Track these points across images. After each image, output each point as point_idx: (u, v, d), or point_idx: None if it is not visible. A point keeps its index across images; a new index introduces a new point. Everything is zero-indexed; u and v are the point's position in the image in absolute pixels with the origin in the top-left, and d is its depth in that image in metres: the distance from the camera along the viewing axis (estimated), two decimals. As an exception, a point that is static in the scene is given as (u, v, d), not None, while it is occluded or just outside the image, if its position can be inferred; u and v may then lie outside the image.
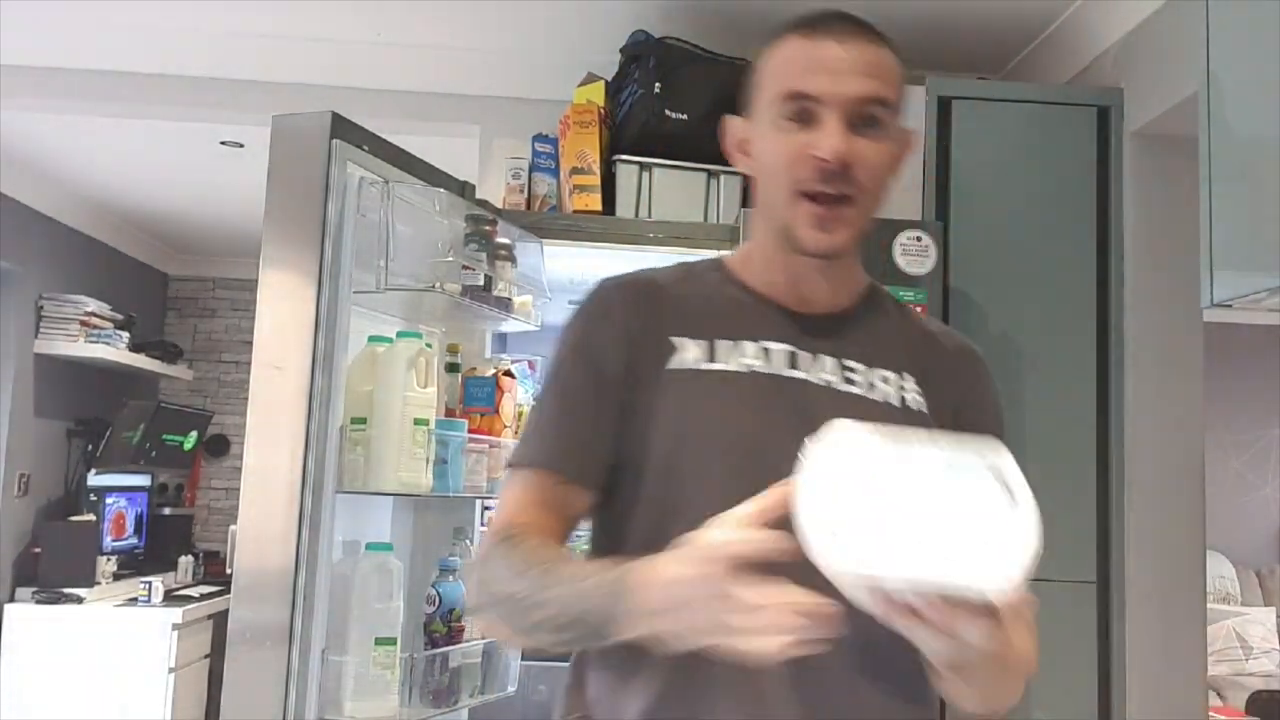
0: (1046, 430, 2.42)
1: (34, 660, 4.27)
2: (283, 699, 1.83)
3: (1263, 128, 1.55)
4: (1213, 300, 1.61)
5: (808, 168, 1.08)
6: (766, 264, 1.18)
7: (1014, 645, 0.93)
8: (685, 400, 1.09)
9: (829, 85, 1.08)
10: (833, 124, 1.08)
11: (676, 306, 1.15)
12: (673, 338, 1.12)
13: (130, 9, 2.91)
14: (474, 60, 3.10)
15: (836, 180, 1.08)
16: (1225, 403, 5.61)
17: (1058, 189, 2.52)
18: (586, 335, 1.15)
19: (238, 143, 3.95)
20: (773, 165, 1.11)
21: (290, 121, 1.99)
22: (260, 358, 1.94)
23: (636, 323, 1.13)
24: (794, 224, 1.10)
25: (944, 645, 0.85)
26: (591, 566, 0.99)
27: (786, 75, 1.11)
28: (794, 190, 1.09)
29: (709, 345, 1.12)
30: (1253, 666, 5.13)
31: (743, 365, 1.11)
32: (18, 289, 4.52)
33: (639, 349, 1.12)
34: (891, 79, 1.13)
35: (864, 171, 1.09)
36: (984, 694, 1.00)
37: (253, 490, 1.91)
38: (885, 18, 1.19)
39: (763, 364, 1.12)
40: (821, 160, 1.07)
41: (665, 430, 1.08)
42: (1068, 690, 2.37)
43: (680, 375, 1.10)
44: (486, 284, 2.22)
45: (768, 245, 1.17)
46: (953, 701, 1.02)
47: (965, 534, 0.81)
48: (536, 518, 1.09)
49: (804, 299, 1.17)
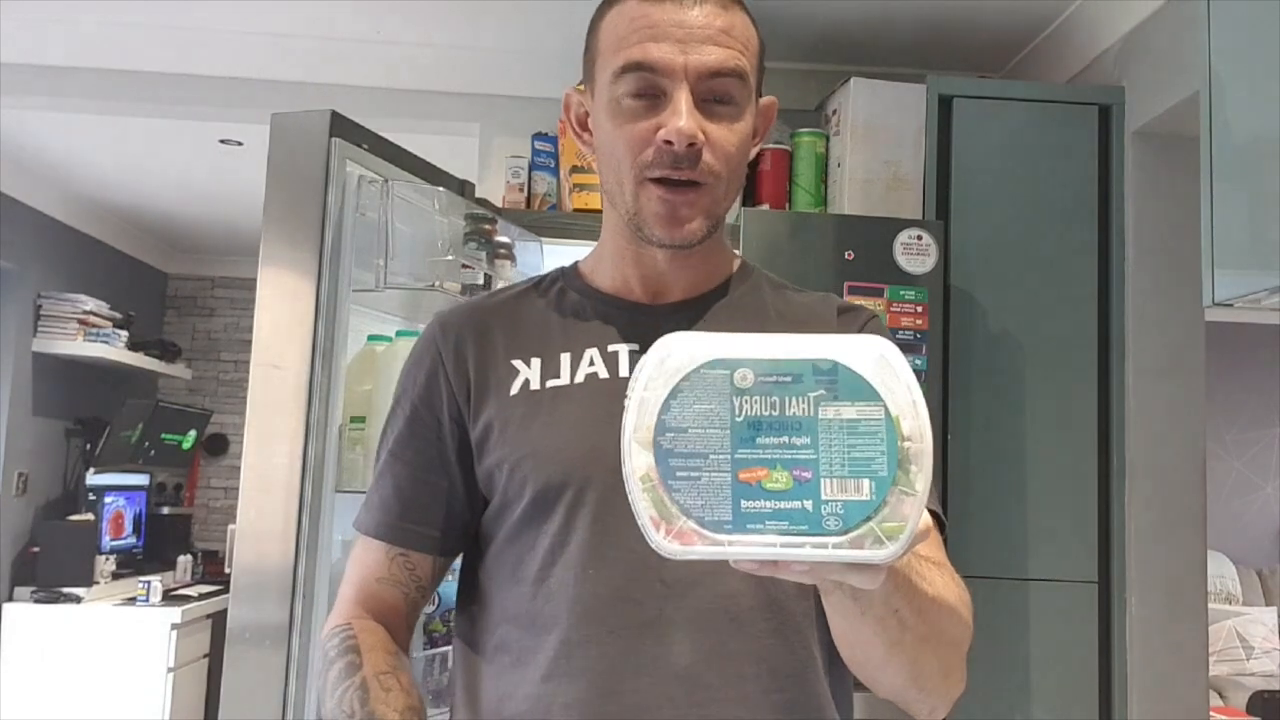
0: (1047, 430, 2.42)
1: (32, 660, 4.27)
2: (282, 698, 1.83)
3: (1264, 127, 1.55)
4: (1214, 299, 1.61)
5: (653, 152, 0.96)
6: (617, 258, 1.07)
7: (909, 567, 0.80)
8: (525, 424, 1.01)
9: (674, 55, 0.95)
10: (679, 100, 0.95)
11: (513, 329, 1.06)
12: (512, 361, 1.04)
13: (130, 8, 2.90)
14: (474, 59, 3.09)
15: (686, 166, 0.96)
16: (1226, 402, 5.62)
17: (1059, 188, 2.51)
18: (413, 383, 1.07)
19: (237, 141, 3.95)
20: (614, 149, 0.99)
21: (289, 120, 1.99)
22: (259, 357, 1.94)
23: (467, 357, 1.04)
24: (642, 214, 0.99)
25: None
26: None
27: (625, 43, 0.97)
28: (640, 176, 0.98)
29: (547, 361, 1.03)
30: (1254, 666, 5.13)
31: (584, 375, 1.02)
32: (16, 288, 4.51)
33: (477, 385, 1.03)
34: (744, 46, 0.99)
35: (717, 154, 0.97)
36: (903, 651, 0.84)
37: (252, 490, 1.91)
38: (887, 17, 1.18)
39: (605, 370, 1.02)
40: (668, 144, 0.95)
41: (509, 464, 1.00)
42: (1069, 690, 2.37)
43: (518, 400, 1.02)
44: (486, 283, 2.21)
45: (617, 238, 1.06)
46: (878, 684, 0.91)
47: (839, 484, 0.64)
48: (377, 607, 1.04)
49: (657, 291, 1.06)
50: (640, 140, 0.97)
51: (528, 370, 1.03)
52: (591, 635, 0.95)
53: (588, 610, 0.95)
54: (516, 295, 1.11)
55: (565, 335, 1.05)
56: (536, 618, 0.98)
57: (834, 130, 2.67)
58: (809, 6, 2.71)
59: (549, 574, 0.97)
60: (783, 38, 2.84)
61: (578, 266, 1.12)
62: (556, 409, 1.01)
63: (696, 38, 0.96)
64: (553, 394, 1.02)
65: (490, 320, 1.07)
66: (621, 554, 0.95)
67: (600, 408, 0.99)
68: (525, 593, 0.99)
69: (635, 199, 0.99)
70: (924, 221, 2.44)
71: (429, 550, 1.06)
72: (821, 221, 2.44)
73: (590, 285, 1.09)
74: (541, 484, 0.98)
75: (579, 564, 0.96)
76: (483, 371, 1.04)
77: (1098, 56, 2.67)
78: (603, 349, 1.03)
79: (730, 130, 0.99)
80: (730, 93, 0.98)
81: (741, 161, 1.02)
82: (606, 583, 0.96)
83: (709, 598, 0.95)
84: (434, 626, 2.11)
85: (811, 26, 2.80)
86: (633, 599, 0.95)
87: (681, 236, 1.00)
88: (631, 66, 0.97)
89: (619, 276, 1.07)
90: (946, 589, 0.87)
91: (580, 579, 0.96)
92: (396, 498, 1.05)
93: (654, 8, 0.97)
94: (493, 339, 1.06)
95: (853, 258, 2.36)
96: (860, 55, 2.94)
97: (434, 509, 1.05)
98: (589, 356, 1.03)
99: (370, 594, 1.05)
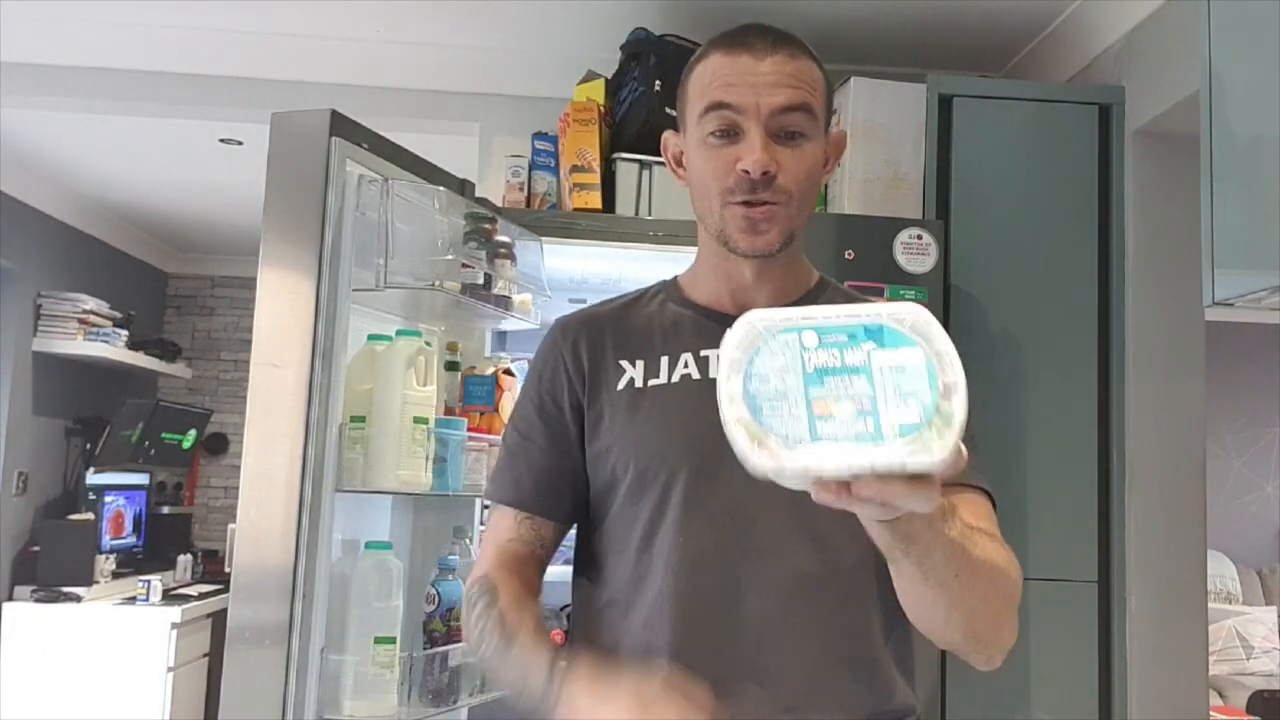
0: (1047, 429, 2.42)
1: (32, 659, 4.27)
2: (282, 698, 1.83)
3: (1264, 126, 1.55)
4: (1214, 299, 1.61)
5: (734, 180, 1.15)
6: (710, 275, 1.25)
7: (964, 536, 0.95)
8: (629, 417, 1.20)
9: (747, 97, 1.14)
10: (754, 136, 1.14)
11: (621, 333, 1.25)
12: (619, 361, 1.23)
13: (130, 8, 2.90)
14: (474, 58, 3.09)
15: (761, 190, 1.14)
16: (1225, 402, 5.61)
17: (1059, 187, 2.51)
18: (537, 375, 1.28)
19: (237, 140, 3.95)
20: (703, 179, 1.18)
21: (289, 119, 1.99)
22: (259, 356, 1.94)
23: (583, 357, 1.24)
24: (727, 229, 1.17)
25: (886, 515, 0.85)
26: (538, 658, 1.09)
27: (708, 90, 1.17)
28: (724, 200, 1.16)
29: (649, 363, 1.22)
30: (1254, 666, 5.13)
31: (679, 375, 1.20)
32: (16, 287, 4.51)
33: (591, 379, 1.23)
34: (811, 87, 1.17)
35: (788, 178, 1.15)
36: (961, 609, 0.99)
37: (252, 489, 1.91)
38: (887, 17, 1.20)
39: (697, 371, 1.20)
40: (745, 173, 1.13)
41: (615, 449, 1.19)
42: (1069, 690, 2.37)
43: (623, 395, 1.21)
44: (486, 282, 2.21)
45: (710, 256, 1.25)
46: (941, 639, 1.05)
47: (893, 409, 0.79)
48: (511, 560, 1.22)
49: (745, 303, 1.20)
50: (724, 169, 1.15)
51: (632, 370, 1.22)
52: (681, 591, 1.14)
53: (679, 571, 1.14)
54: (625, 304, 1.30)
55: (665, 341, 1.24)
56: (641, 578, 1.16)
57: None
58: (809, 6, 2.71)
59: (651, 541, 1.16)
60: (783, 37, 2.84)
61: (678, 281, 1.31)
62: (655, 404, 1.20)
63: (767, 82, 1.14)
64: (653, 391, 1.21)
65: (603, 325, 1.27)
66: (708, 526, 1.15)
67: (692, 404, 1.17)
68: (630, 557, 1.18)
69: (721, 218, 1.18)
70: (924, 221, 2.44)
71: (552, 516, 1.24)
72: (822, 221, 2.44)
73: (688, 298, 1.27)
74: (642, 467, 1.17)
75: (674, 532, 1.15)
76: (595, 369, 1.23)
77: (1098, 56, 2.67)
78: (695, 354, 1.21)
79: (800, 159, 1.16)
80: (799, 126, 1.16)
81: (811, 184, 1.19)
82: (696, 548, 1.14)
83: (781, 565, 1.13)
84: (434, 626, 2.11)
85: (811, 26, 2.79)
86: (716, 563, 1.14)
87: (761, 245, 1.17)
88: (714, 106, 1.16)
89: (711, 291, 1.25)
90: (997, 553, 1.02)
91: (674, 546, 1.15)
92: (529, 473, 1.24)
93: (732, 60, 1.16)
94: (604, 341, 1.25)
95: (853, 257, 2.36)
96: (860, 55, 2.94)
97: (559, 482, 1.24)
98: (684, 360, 1.21)
99: (503, 550, 1.23)
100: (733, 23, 3.13)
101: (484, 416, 2.26)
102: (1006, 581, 1.03)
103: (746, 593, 1.13)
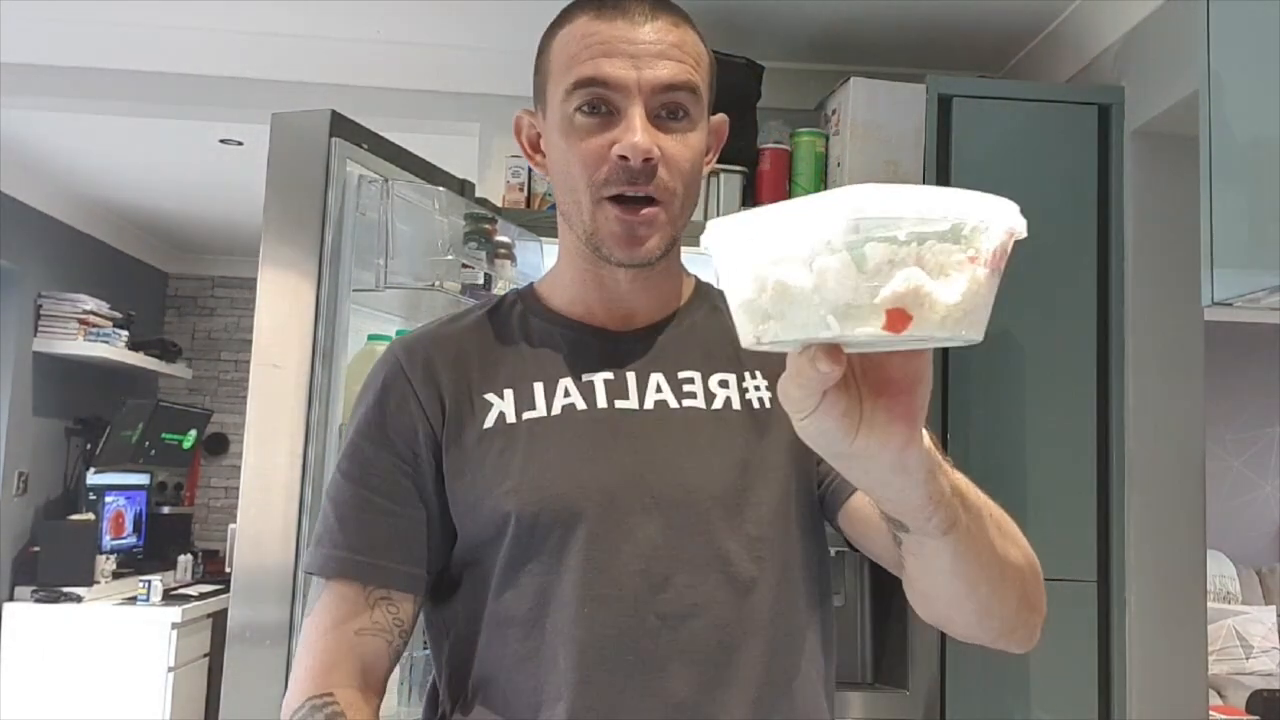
0: (1046, 429, 2.42)
1: (33, 660, 4.27)
2: (282, 698, 1.83)
3: (1263, 126, 1.55)
4: (1213, 299, 1.61)
5: (608, 168, 0.96)
6: (578, 281, 1.04)
7: (979, 500, 0.83)
8: (504, 460, 0.98)
9: (627, 71, 0.95)
10: (633, 115, 0.95)
11: (480, 358, 1.03)
12: (485, 395, 1.01)
13: (130, 8, 2.90)
14: (473, 59, 3.09)
15: (642, 180, 0.95)
16: (1225, 402, 5.61)
17: (1058, 187, 2.51)
18: (376, 409, 1.02)
19: (237, 141, 3.95)
20: (569, 168, 0.98)
21: (289, 119, 1.99)
22: (259, 356, 1.94)
23: (438, 384, 1.01)
24: (600, 234, 0.98)
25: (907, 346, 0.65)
26: None
27: (575, 60, 0.97)
28: (596, 195, 0.97)
29: (520, 392, 1.00)
30: (1253, 665, 5.13)
31: (560, 407, 0.99)
32: (16, 287, 4.51)
33: (450, 414, 1.00)
34: (696, 61, 0.99)
35: (672, 169, 0.97)
36: (1011, 568, 0.87)
37: (252, 489, 1.91)
38: (887, 17, 1.18)
39: (582, 400, 1.00)
40: (623, 159, 0.95)
41: (489, 499, 0.97)
42: (1068, 690, 2.37)
43: (493, 434, 0.99)
44: (486, 282, 2.21)
45: (576, 259, 1.04)
46: (991, 618, 0.91)
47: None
48: (360, 666, 0.97)
49: (623, 316, 1.05)
50: (595, 157, 0.96)
51: (501, 403, 1.00)
52: (592, 675, 0.93)
53: (585, 651, 0.94)
54: (476, 321, 1.07)
55: (537, 364, 1.02)
56: (529, 659, 0.95)
57: (834, 130, 2.67)
58: (809, 6, 2.71)
59: (544, 614, 0.95)
60: (782, 38, 2.85)
61: (535, 289, 1.10)
62: (535, 442, 0.98)
63: (648, 53, 0.96)
64: (529, 426, 0.99)
65: (456, 347, 1.04)
66: (616, 591, 0.94)
67: (581, 440, 0.98)
68: (515, 634, 0.96)
69: (592, 219, 0.98)
70: (924, 221, 2.43)
71: (414, 590, 1.00)
72: (821, 221, 2.44)
73: (552, 309, 1.06)
74: (527, 522, 0.95)
75: (575, 603, 0.94)
76: (456, 402, 1.00)
77: (1097, 56, 2.67)
78: (577, 379, 1.01)
79: (684, 145, 0.98)
80: (684, 107, 0.98)
81: (696, 177, 1.01)
82: (605, 622, 0.94)
83: (703, 628, 0.95)
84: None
85: (811, 26, 2.80)
86: (631, 635, 0.94)
87: (640, 255, 0.98)
88: (584, 82, 0.96)
89: (580, 300, 1.05)
90: (1014, 529, 0.90)
91: (577, 619, 0.94)
92: (370, 533, 0.99)
93: (605, 25, 0.97)
94: (462, 367, 1.02)
95: (852, 257, 2.36)
96: (860, 55, 2.94)
97: (415, 544, 0.99)
98: (563, 387, 1.01)
99: (347, 650, 0.97)
100: (731, 23, 3.13)
101: (484, 417, 2.26)
102: (1022, 556, 0.92)
103: (667, 665, 0.94)
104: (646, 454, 0.98)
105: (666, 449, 0.98)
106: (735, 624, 0.96)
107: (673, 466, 0.98)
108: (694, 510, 0.97)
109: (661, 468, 0.98)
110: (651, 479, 0.97)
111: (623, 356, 1.03)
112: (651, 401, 1.01)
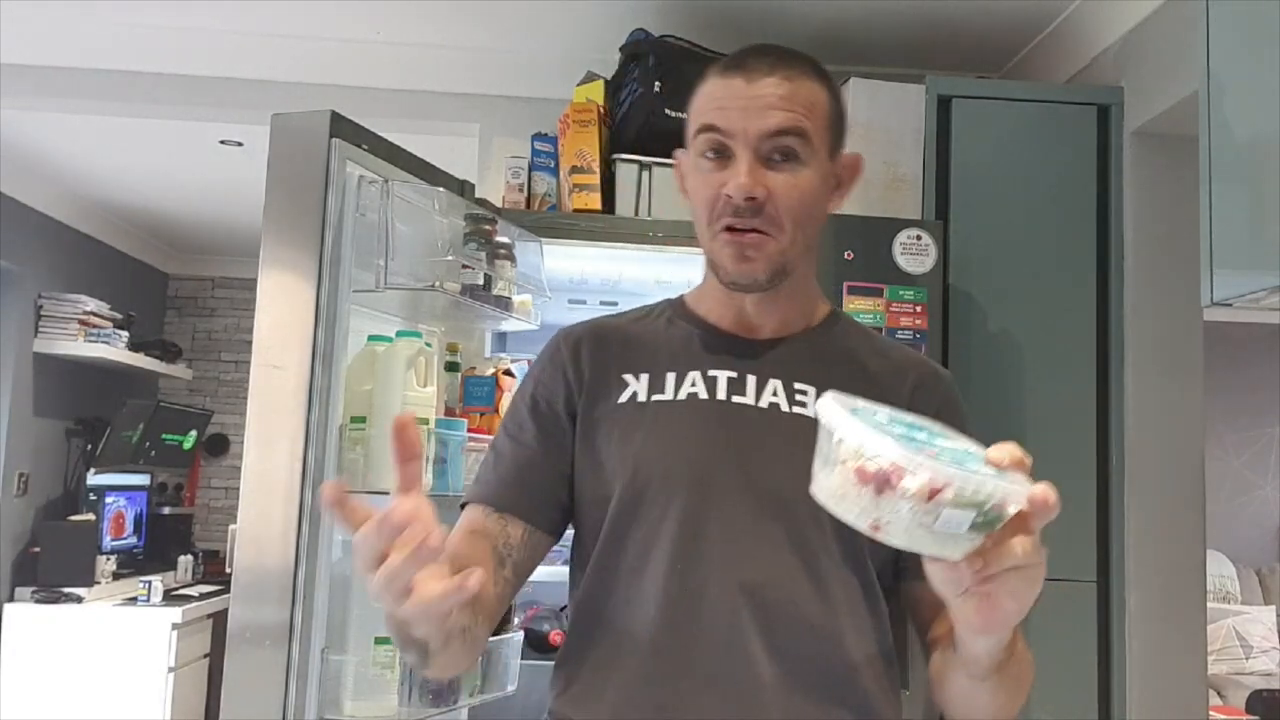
0: (1046, 429, 2.42)
1: (33, 660, 4.27)
2: (282, 698, 1.83)
3: (1263, 126, 1.55)
4: (1213, 299, 1.61)
5: (721, 204, 1.12)
6: (714, 295, 1.22)
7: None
8: (629, 432, 1.15)
9: (736, 121, 1.11)
10: (741, 160, 1.11)
11: (626, 346, 1.21)
12: (623, 375, 1.18)
13: (130, 9, 2.91)
14: (474, 59, 3.09)
15: (748, 216, 1.11)
16: (1225, 402, 5.62)
17: (1058, 188, 2.51)
18: (534, 379, 1.23)
19: (237, 142, 3.95)
20: (697, 200, 1.16)
21: (289, 120, 1.99)
22: (260, 357, 1.94)
23: (584, 366, 1.19)
24: (717, 255, 1.15)
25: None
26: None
27: (702, 112, 1.15)
28: (714, 226, 1.14)
29: (654, 379, 1.18)
30: (1253, 665, 5.13)
31: (686, 394, 1.16)
32: (17, 288, 4.51)
33: (591, 390, 1.18)
34: (807, 109, 1.13)
35: (779, 205, 1.11)
36: (1002, 697, 1.04)
37: (252, 490, 1.91)
38: (887, 17, 1.19)
39: (705, 391, 1.16)
40: (729, 198, 1.11)
41: (612, 462, 1.14)
42: (1068, 690, 2.37)
43: (625, 409, 1.16)
44: (486, 283, 2.21)
45: (711, 278, 1.21)
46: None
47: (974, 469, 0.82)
48: (460, 547, 1.11)
49: (751, 326, 1.20)
50: (712, 193, 1.13)
51: (636, 384, 1.18)
52: (678, 621, 1.08)
53: (674, 601, 1.09)
54: (632, 319, 1.26)
55: (672, 357, 1.19)
56: (629, 601, 1.11)
57: (833, 130, 2.66)
58: (809, 6, 2.71)
59: (644, 565, 1.11)
60: (782, 38, 2.83)
61: (683, 299, 1.28)
62: (658, 421, 1.15)
63: (757, 105, 1.11)
64: (656, 407, 1.16)
65: (608, 335, 1.23)
66: (705, 556, 1.09)
67: (696, 423, 1.14)
68: (621, 580, 1.12)
69: (711, 245, 1.16)
70: (923, 221, 2.44)
71: (525, 517, 1.16)
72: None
73: (696, 315, 1.24)
74: (639, 487, 1.12)
75: (667, 561, 1.09)
76: (597, 378, 1.18)
77: (1097, 56, 2.68)
78: (704, 372, 1.17)
79: (792, 183, 1.12)
80: (791, 149, 1.11)
81: (808, 211, 1.14)
82: (692, 578, 1.09)
83: (779, 600, 1.09)
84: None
85: (811, 26, 2.80)
86: (713, 596, 1.08)
87: (747, 272, 1.13)
88: (705, 129, 1.14)
89: (715, 311, 1.22)
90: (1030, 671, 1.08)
91: (669, 574, 1.09)
92: (511, 472, 1.18)
93: (726, 83, 1.14)
94: (608, 351, 1.20)
95: (852, 258, 2.36)
96: (860, 55, 2.94)
97: (542, 486, 1.17)
98: (692, 378, 1.17)
99: (454, 550, 1.07)
100: (732, 23, 3.14)
101: (484, 417, 2.26)
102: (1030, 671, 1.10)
103: (744, 628, 1.08)
104: (752, 443, 1.12)
105: (771, 443, 1.12)
106: (806, 602, 1.09)
107: (771, 457, 1.12)
108: (779, 499, 1.10)
109: (761, 457, 1.12)
110: (750, 466, 1.12)
111: (748, 360, 1.19)
112: (766, 402, 1.15)
